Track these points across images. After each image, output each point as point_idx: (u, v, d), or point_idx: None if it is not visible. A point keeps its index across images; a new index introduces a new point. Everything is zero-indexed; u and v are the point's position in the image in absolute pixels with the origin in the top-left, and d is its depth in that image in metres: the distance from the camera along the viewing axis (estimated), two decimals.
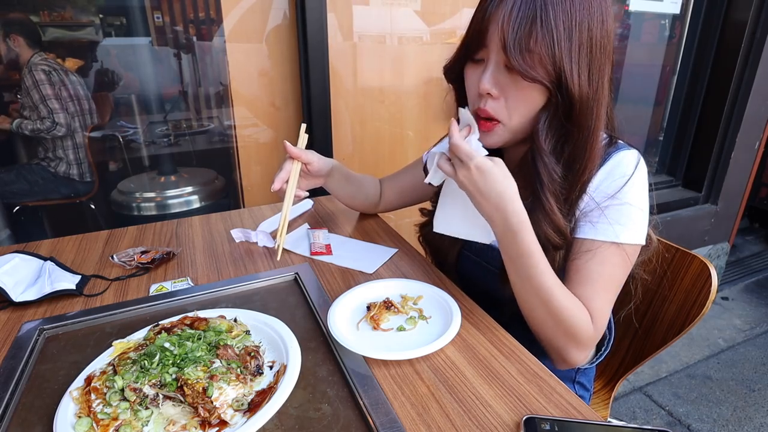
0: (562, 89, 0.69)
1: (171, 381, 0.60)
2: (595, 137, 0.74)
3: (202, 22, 2.14)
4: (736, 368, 2.18)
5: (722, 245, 2.85)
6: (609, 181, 0.77)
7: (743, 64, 2.36)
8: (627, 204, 0.75)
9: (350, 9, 1.63)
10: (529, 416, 0.58)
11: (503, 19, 0.67)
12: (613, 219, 0.75)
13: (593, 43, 0.69)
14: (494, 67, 0.71)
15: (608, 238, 0.75)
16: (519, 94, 0.72)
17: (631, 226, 0.75)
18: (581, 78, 0.69)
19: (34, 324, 0.79)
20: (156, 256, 0.99)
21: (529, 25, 0.66)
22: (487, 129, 0.77)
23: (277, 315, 0.78)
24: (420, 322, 0.78)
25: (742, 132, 2.49)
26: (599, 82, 0.71)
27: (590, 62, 0.69)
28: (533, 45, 0.66)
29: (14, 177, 2.11)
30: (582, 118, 0.72)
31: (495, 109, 0.74)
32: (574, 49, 0.67)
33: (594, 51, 0.69)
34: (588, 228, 0.77)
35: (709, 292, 0.94)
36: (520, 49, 0.67)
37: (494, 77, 0.72)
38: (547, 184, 0.75)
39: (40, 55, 2.02)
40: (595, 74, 0.70)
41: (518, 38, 0.66)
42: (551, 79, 0.69)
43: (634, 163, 0.77)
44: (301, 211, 1.28)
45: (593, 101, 0.71)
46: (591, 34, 0.68)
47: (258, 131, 1.72)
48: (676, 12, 2.42)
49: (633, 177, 0.76)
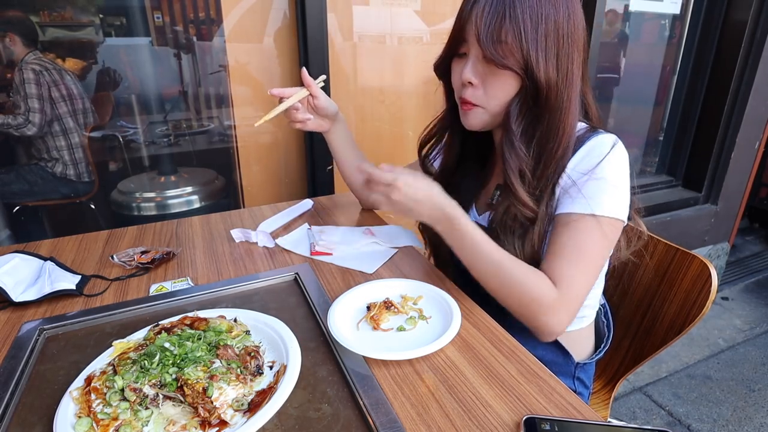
0: (530, 75, 0.77)
1: (171, 381, 0.60)
2: (567, 119, 0.81)
3: (202, 22, 2.14)
4: (736, 368, 2.18)
5: (722, 245, 2.85)
6: (586, 161, 0.82)
7: (743, 64, 2.36)
8: (603, 179, 0.80)
9: (350, 9, 1.63)
10: (529, 416, 0.58)
11: (477, 16, 0.77)
12: (589, 193, 0.80)
13: (560, 34, 0.77)
14: (474, 59, 0.81)
15: (584, 211, 0.79)
16: (495, 82, 0.81)
17: (606, 200, 0.79)
18: (548, 65, 0.77)
19: (34, 324, 0.79)
20: (156, 256, 0.99)
21: (499, 20, 0.75)
22: (467, 109, 0.86)
23: (277, 315, 0.78)
24: (420, 322, 0.79)
25: (742, 132, 2.49)
26: (568, 68, 0.79)
27: (558, 51, 0.77)
28: (504, 37, 0.76)
29: (14, 177, 2.11)
30: (551, 101, 0.79)
31: (475, 96, 0.84)
32: (541, 39, 0.76)
33: (561, 41, 0.77)
34: (566, 202, 0.82)
35: (709, 292, 0.94)
36: (492, 41, 0.76)
37: (474, 68, 0.81)
38: (509, 161, 0.83)
39: (34, 54, 2.01)
40: (563, 61, 0.78)
41: (490, 32, 0.76)
42: (521, 66, 0.77)
43: (610, 143, 0.82)
44: (301, 211, 1.28)
45: (563, 86, 0.79)
46: (557, 25, 0.76)
47: (258, 131, 1.72)
48: (676, 12, 2.42)
49: (609, 155, 0.81)
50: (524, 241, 0.84)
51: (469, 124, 0.88)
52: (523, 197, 0.82)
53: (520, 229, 0.85)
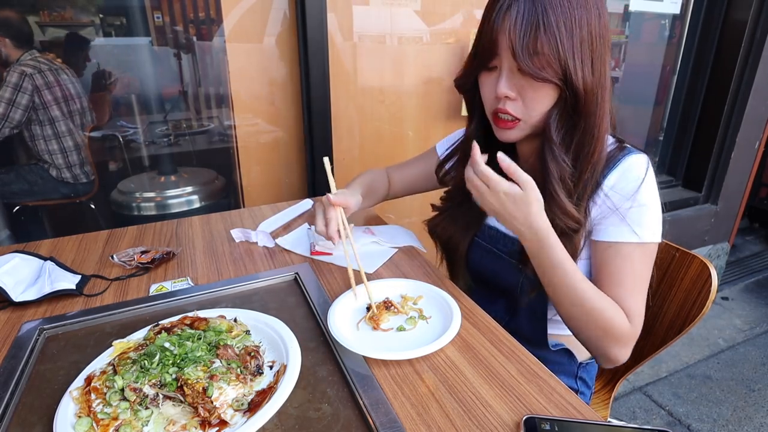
0: (569, 84, 0.74)
1: (171, 381, 0.60)
2: (602, 122, 0.79)
3: (202, 22, 2.14)
4: (736, 368, 2.18)
5: (722, 245, 2.84)
6: (623, 183, 0.81)
7: (743, 64, 2.36)
8: (645, 206, 0.80)
9: (350, 9, 1.63)
10: (529, 416, 0.58)
11: (510, 29, 0.73)
12: (634, 221, 0.80)
13: (593, 36, 0.74)
14: (508, 72, 0.77)
15: (635, 240, 0.80)
16: (534, 95, 0.77)
17: (651, 226, 0.80)
18: (584, 71, 0.74)
19: (34, 324, 0.79)
20: (156, 256, 0.99)
21: (533, 31, 0.71)
22: (507, 127, 0.82)
23: (277, 315, 0.78)
24: (420, 322, 0.79)
25: (742, 132, 2.49)
26: (601, 70, 0.76)
27: (592, 54, 0.75)
28: (539, 48, 0.72)
29: (14, 177, 2.11)
30: (588, 106, 0.77)
31: (515, 109, 0.80)
32: (576, 45, 0.73)
33: (594, 43, 0.74)
34: (613, 230, 0.81)
35: (709, 292, 0.94)
36: (528, 54, 0.72)
37: (510, 81, 0.78)
38: (553, 172, 0.80)
39: (30, 54, 2.00)
40: (597, 64, 0.76)
41: (525, 44, 0.72)
42: (559, 77, 0.74)
43: (645, 165, 0.82)
44: (301, 211, 1.28)
45: (597, 88, 0.77)
46: (590, 28, 0.74)
47: (258, 131, 1.72)
48: (676, 12, 2.42)
49: (646, 179, 0.80)
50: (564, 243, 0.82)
51: (507, 138, 0.84)
52: (568, 207, 0.80)
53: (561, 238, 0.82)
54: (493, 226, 0.97)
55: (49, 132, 2.07)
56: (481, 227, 0.98)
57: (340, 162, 1.78)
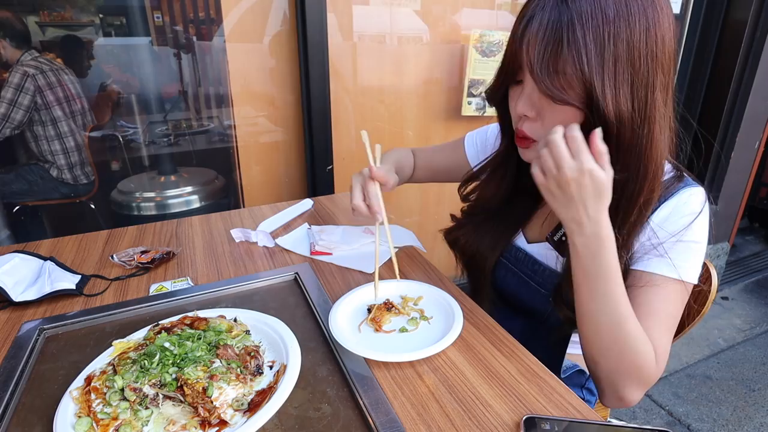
0: (596, 110, 0.63)
1: (171, 381, 0.60)
2: (650, 160, 0.68)
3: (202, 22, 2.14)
4: (735, 368, 2.18)
5: (722, 245, 2.85)
6: (676, 217, 0.73)
7: (743, 64, 2.36)
8: (694, 242, 0.73)
9: (350, 9, 1.63)
10: (529, 416, 0.58)
11: (529, 41, 0.64)
12: (680, 257, 0.72)
13: (635, 55, 0.62)
14: (529, 89, 0.69)
15: (675, 276, 0.72)
16: (554, 116, 0.68)
17: (695, 265, 0.73)
18: (618, 95, 0.63)
19: (34, 324, 0.79)
20: (156, 256, 0.99)
21: (555, 46, 0.62)
22: (524, 146, 0.75)
23: (277, 315, 0.78)
24: (422, 323, 0.78)
25: (742, 132, 2.49)
26: (647, 97, 0.64)
27: (632, 77, 0.63)
28: (561, 66, 0.63)
29: (14, 177, 2.11)
30: (625, 138, 0.65)
31: (531, 129, 0.72)
32: (608, 65, 0.62)
33: (637, 63, 0.62)
34: (654, 262, 0.73)
35: (709, 291, 0.94)
36: (547, 72, 0.63)
37: (530, 99, 0.70)
38: None
39: (30, 54, 2.00)
40: (640, 90, 0.64)
41: (544, 61, 0.63)
42: (582, 101, 0.64)
43: (701, 201, 0.75)
44: (301, 211, 1.28)
45: (639, 119, 0.65)
46: (631, 45, 0.62)
47: (258, 131, 1.72)
48: (676, 12, 2.42)
49: (700, 216, 0.73)
50: None
51: (527, 158, 0.76)
52: None
53: None
54: (521, 248, 0.90)
55: (52, 132, 2.07)
56: (509, 247, 0.92)
57: (340, 162, 1.78)
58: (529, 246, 0.90)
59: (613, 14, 0.61)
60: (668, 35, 0.64)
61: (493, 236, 0.92)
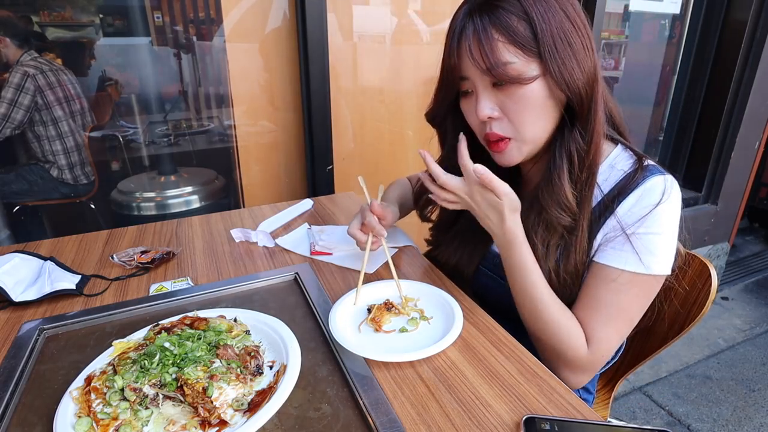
0: (552, 76, 0.70)
1: (171, 381, 0.60)
2: (597, 120, 0.74)
3: (202, 22, 2.14)
4: (735, 368, 2.18)
5: (722, 245, 2.84)
6: (638, 208, 0.74)
7: (743, 64, 2.36)
8: (654, 234, 0.73)
9: (350, 9, 1.63)
10: (529, 416, 0.58)
11: (470, 49, 0.71)
12: (641, 248, 0.73)
13: (567, 27, 0.69)
14: (483, 91, 0.74)
15: (633, 269, 0.73)
16: (517, 106, 0.73)
17: (660, 257, 0.73)
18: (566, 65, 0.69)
19: (34, 324, 0.79)
20: (156, 256, 0.99)
21: (494, 43, 0.69)
22: (500, 149, 0.78)
23: (277, 315, 0.78)
24: (422, 323, 0.78)
25: (742, 132, 2.49)
26: (588, 62, 0.71)
27: (571, 46, 0.70)
28: (507, 58, 0.69)
29: (14, 177, 2.11)
30: (582, 103, 0.72)
31: (501, 128, 0.75)
32: (549, 41, 0.68)
33: (572, 35, 0.70)
34: (612, 254, 0.75)
35: (709, 292, 0.94)
36: (500, 65, 0.69)
37: (488, 101, 0.74)
38: (560, 165, 0.76)
39: (30, 54, 2.00)
40: (582, 54, 0.71)
41: (493, 60, 0.69)
42: (542, 72, 0.70)
43: (661, 190, 0.75)
44: (301, 211, 1.28)
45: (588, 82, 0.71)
46: (561, 19, 0.69)
47: (258, 131, 1.72)
48: (676, 12, 2.42)
49: (663, 204, 0.73)
50: (568, 259, 0.78)
51: (507, 162, 0.79)
52: (568, 193, 0.75)
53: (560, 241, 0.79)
54: (498, 254, 0.90)
55: (53, 132, 2.07)
56: (486, 255, 0.94)
57: (340, 162, 1.78)
58: None
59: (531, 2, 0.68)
60: (582, 16, 0.72)
61: (468, 250, 0.95)
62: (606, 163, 0.80)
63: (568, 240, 0.79)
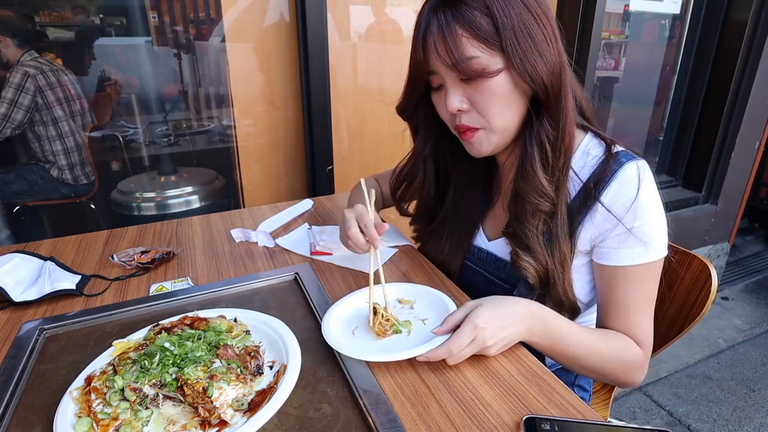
0: (515, 68, 0.71)
1: (171, 381, 0.60)
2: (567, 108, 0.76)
3: (202, 22, 2.14)
4: (736, 368, 2.18)
5: (722, 245, 2.84)
6: (622, 198, 0.76)
7: (743, 64, 2.36)
8: (649, 222, 0.76)
9: (350, 9, 1.63)
10: (529, 416, 0.58)
11: (435, 45, 0.72)
12: (645, 240, 0.76)
13: (528, 20, 0.70)
14: (452, 86, 0.75)
15: (641, 261, 0.77)
16: (484, 98, 0.74)
17: (658, 241, 0.77)
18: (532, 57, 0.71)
19: (35, 324, 0.79)
20: (156, 256, 0.99)
21: (458, 38, 0.70)
22: (468, 138, 0.80)
23: (277, 315, 0.78)
24: (417, 323, 0.78)
25: (742, 132, 2.49)
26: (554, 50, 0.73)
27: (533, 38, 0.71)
28: (471, 52, 0.70)
29: (14, 177, 2.11)
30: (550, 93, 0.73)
31: (470, 120, 0.78)
32: (510, 35, 0.70)
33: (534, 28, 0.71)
34: (622, 254, 0.77)
35: (709, 292, 0.94)
36: (464, 60, 0.70)
37: (457, 95, 0.75)
38: (531, 153, 0.77)
39: (30, 55, 2.00)
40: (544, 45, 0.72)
41: (458, 55, 0.70)
42: (505, 65, 0.71)
43: (637, 175, 0.77)
44: (301, 211, 1.28)
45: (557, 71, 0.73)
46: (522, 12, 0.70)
47: (258, 131, 1.72)
48: (676, 12, 2.42)
49: (642, 193, 0.75)
50: (554, 248, 0.80)
51: (478, 152, 0.81)
52: (542, 179, 0.77)
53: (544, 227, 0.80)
54: (482, 248, 0.94)
55: (53, 132, 2.07)
56: (470, 249, 0.96)
57: (340, 162, 1.78)
58: (490, 244, 0.93)
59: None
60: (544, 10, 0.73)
61: (453, 242, 0.97)
62: (579, 150, 0.82)
63: (551, 226, 0.80)
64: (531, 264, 0.81)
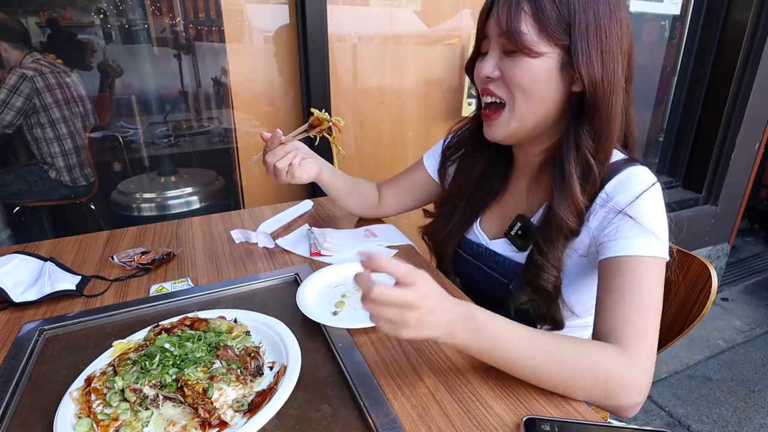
0: (572, 64, 0.71)
1: (171, 382, 0.60)
2: (614, 122, 0.75)
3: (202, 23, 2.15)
4: (736, 369, 2.18)
5: (722, 246, 2.84)
6: (622, 191, 0.75)
7: (743, 64, 2.36)
8: (650, 220, 0.73)
9: (350, 9, 1.63)
10: (530, 417, 0.58)
11: (498, 11, 0.73)
12: (640, 232, 0.72)
13: (602, 26, 0.71)
14: (492, 52, 0.77)
15: (639, 252, 0.71)
16: (517, 72, 0.74)
17: (658, 235, 0.72)
18: (591, 59, 0.71)
19: (35, 324, 0.79)
20: (156, 257, 0.99)
21: (518, 10, 0.71)
22: (491, 119, 0.80)
23: (277, 315, 0.78)
24: None
25: (742, 133, 2.49)
26: (614, 69, 0.72)
27: (601, 46, 0.71)
28: (526, 29, 0.71)
29: (14, 177, 2.11)
30: (597, 101, 0.73)
31: (497, 87, 0.78)
32: (580, 29, 0.70)
33: (603, 36, 0.71)
34: (618, 244, 0.73)
35: (709, 293, 0.94)
36: (513, 30, 0.71)
37: (493, 62, 0.77)
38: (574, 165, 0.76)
39: (32, 56, 2.00)
40: (607, 59, 0.72)
41: (514, 23, 0.71)
42: (558, 56, 0.72)
43: (650, 178, 0.76)
44: (301, 212, 1.28)
45: (607, 87, 0.72)
46: (597, 17, 0.70)
47: (258, 131, 1.72)
48: (677, 12, 2.42)
49: (649, 193, 0.74)
50: None
51: (492, 135, 0.81)
52: (579, 202, 0.75)
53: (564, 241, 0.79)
54: (481, 244, 0.94)
55: (50, 134, 2.07)
56: (463, 240, 0.96)
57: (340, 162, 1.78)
58: (491, 243, 0.93)
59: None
60: (626, 21, 0.74)
61: (455, 224, 0.97)
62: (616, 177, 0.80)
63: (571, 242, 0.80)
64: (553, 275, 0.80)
